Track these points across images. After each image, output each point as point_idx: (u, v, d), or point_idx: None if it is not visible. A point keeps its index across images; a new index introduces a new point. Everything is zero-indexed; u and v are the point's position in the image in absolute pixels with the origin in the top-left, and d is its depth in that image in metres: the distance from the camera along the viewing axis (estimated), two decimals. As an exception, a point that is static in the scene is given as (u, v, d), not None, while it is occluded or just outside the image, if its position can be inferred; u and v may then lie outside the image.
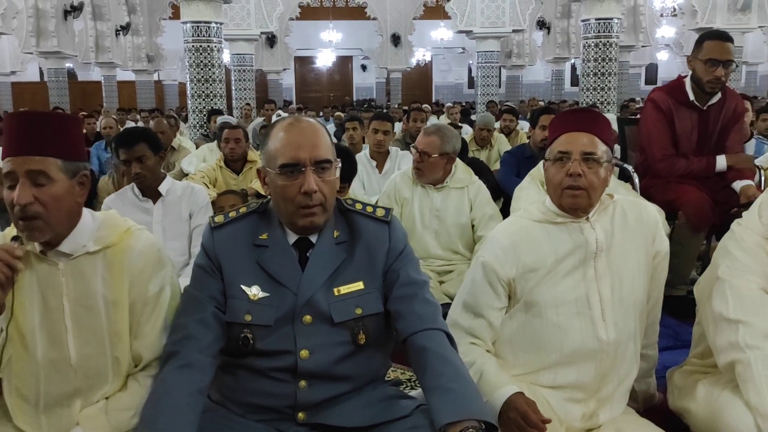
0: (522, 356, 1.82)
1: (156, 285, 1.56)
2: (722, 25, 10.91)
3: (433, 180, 3.11)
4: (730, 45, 3.06)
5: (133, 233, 1.57)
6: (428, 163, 3.04)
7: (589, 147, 1.76)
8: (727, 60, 3.05)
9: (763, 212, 1.77)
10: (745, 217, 1.81)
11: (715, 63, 3.04)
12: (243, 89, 12.16)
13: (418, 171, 3.08)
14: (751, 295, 1.66)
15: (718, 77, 3.06)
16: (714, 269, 1.79)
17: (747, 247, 1.73)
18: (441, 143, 3.04)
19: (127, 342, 1.54)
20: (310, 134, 1.50)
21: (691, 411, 1.79)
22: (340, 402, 1.53)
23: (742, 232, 1.77)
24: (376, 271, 1.56)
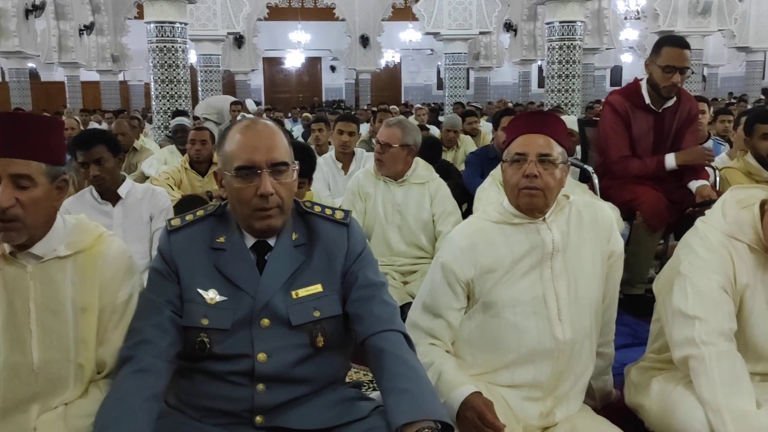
0: (480, 356, 1.84)
1: (125, 292, 1.55)
2: (683, 28, 11.14)
3: (393, 173, 3.13)
4: (687, 52, 3.13)
5: (105, 240, 1.56)
6: (389, 154, 3.07)
7: (545, 149, 1.78)
8: (684, 67, 3.12)
9: (727, 211, 1.81)
10: (709, 215, 1.85)
11: (673, 70, 3.10)
12: (210, 90, 12.03)
13: (379, 163, 3.11)
14: (711, 292, 1.70)
15: (674, 83, 3.13)
16: (676, 264, 1.82)
17: (710, 245, 1.76)
18: (402, 135, 3.08)
19: (93, 349, 1.52)
20: (266, 136, 1.50)
21: (645, 407, 1.83)
22: (298, 405, 1.52)
23: (706, 229, 1.80)
24: (334, 273, 1.56)
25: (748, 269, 1.73)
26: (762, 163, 3.17)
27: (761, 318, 1.72)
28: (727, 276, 1.72)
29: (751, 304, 1.73)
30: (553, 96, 8.97)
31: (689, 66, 3.16)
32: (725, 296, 1.70)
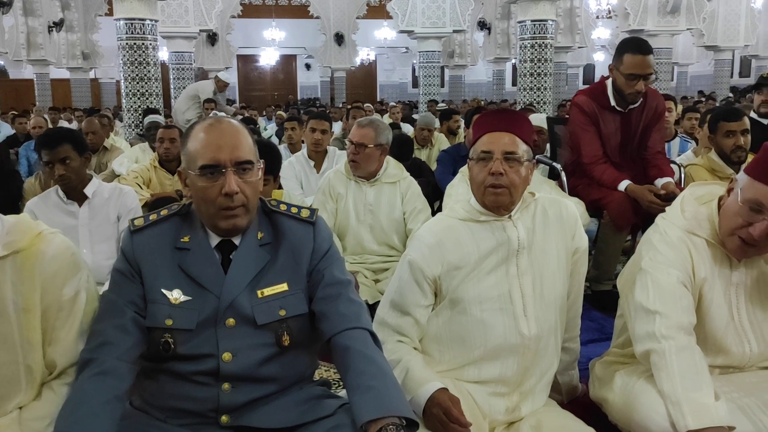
0: (448, 352, 1.85)
1: (71, 289, 1.52)
2: (653, 27, 11.30)
3: (367, 173, 3.13)
4: (650, 57, 3.13)
5: (45, 237, 1.52)
6: (364, 154, 3.08)
7: (510, 146, 1.80)
8: (647, 74, 3.13)
9: (686, 207, 1.85)
10: (669, 212, 1.88)
11: (636, 77, 3.12)
12: (182, 88, 11.85)
13: (354, 164, 3.11)
14: (671, 287, 1.73)
15: (638, 91, 3.16)
16: (638, 260, 1.85)
17: (670, 240, 1.80)
18: (375, 135, 3.09)
19: (40, 350, 1.49)
20: (230, 135, 1.49)
21: (609, 400, 1.86)
22: (265, 404, 1.52)
23: (666, 226, 1.84)
24: (300, 272, 1.56)
25: (706, 264, 1.77)
26: (725, 160, 3.22)
27: (719, 311, 1.76)
28: (686, 271, 1.75)
29: (710, 297, 1.76)
30: (526, 94, 9.04)
31: (653, 71, 3.16)
32: (685, 291, 1.74)
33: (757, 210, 1.66)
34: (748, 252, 1.73)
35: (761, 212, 1.65)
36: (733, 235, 1.72)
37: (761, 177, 1.66)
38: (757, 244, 1.68)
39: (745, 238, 1.69)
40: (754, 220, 1.66)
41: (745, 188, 1.69)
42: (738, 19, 14.86)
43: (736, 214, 1.71)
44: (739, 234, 1.70)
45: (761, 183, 1.66)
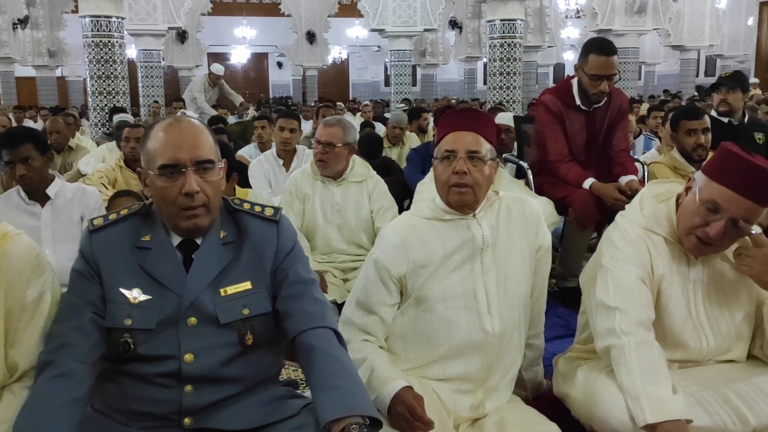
0: (413, 350, 1.86)
1: (35, 291, 1.50)
2: (620, 27, 11.45)
3: (335, 172, 3.13)
4: (614, 58, 3.17)
5: (11, 238, 1.50)
6: (333, 153, 3.07)
7: (474, 146, 1.82)
8: (611, 74, 3.18)
9: (644, 205, 1.88)
10: (628, 210, 1.91)
11: (600, 78, 3.16)
12: (151, 86, 11.74)
13: (322, 163, 3.09)
14: (630, 284, 1.76)
15: (602, 91, 3.20)
16: (599, 258, 1.88)
17: (629, 238, 1.82)
18: (343, 134, 3.09)
19: (2, 352, 1.46)
20: (190, 134, 1.48)
21: (572, 395, 1.88)
22: (228, 405, 1.51)
23: (625, 223, 1.87)
24: (264, 270, 1.55)
25: (664, 261, 1.81)
26: (687, 158, 3.28)
27: (677, 307, 1.80)
28: (645, 267, 1.78)
29: (668, 293, 1.80)
30: (495, 93, 9.10)
31: (616, 72, 3.21)
32: (644, 287, 1.77)
33: (714, 210, 1.69)
34: (704, 250, 1.77)
35: (717, 212, 1.68)
36: (690, 234, 1.75)
37: (717, 177, 1.70)
38: (713, 243, 1.71)
39: (702, 237, 1.72)
40: (710, 220, 1.69)
41: (702, 188, 1.72)
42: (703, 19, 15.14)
43: (693, 213, 1.73)
44: (696, 233, 1.73)
45: (717, 183, 1.69)
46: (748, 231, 1.71)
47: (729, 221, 1.67)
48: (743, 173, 1.66)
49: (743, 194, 1.65)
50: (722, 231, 1.68)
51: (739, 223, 1.68)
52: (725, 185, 1.67)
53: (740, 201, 1.65)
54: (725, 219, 1.67)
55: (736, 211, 1.66)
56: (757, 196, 1.66)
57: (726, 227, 1.68)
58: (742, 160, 1.66)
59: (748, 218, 1.68)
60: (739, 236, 1.73)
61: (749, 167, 1.65)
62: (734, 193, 1.66)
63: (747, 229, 1.70)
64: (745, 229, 1.69)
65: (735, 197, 1.66)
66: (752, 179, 1.65)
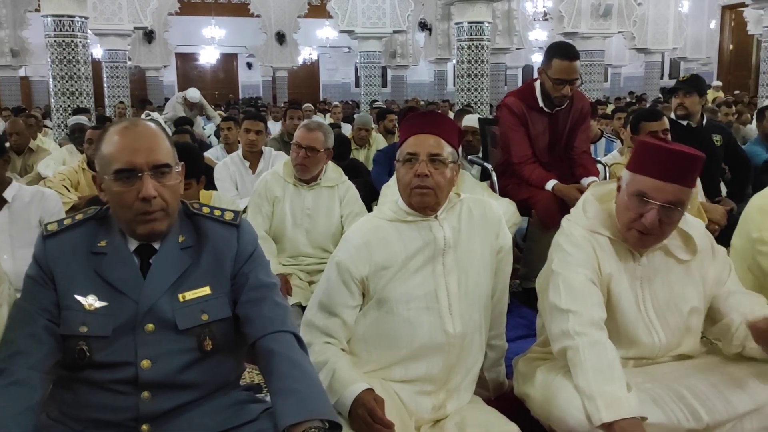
0: (375, 352, 1.87)
1: None
2: (586, 30, 11.64)
3: (312, 176, 3.12)
4: (576, 63, 3.22)
5: None
6: (315, 158, 3.06)
7: (435, 149, 1.83)
8: (573, 79, 3.23)
9: (587, 207, 1.92)
10: (573, 213, 1.95)
11: (563, 82, 3.21)
12: (116, 87, 11.56)
13: (303, 167, 3.06)
14: (580, 286, 1.79)
15: (564, 95, 3.25)
16: (550, 263, 1.92)
17: (575, 241, 1.86)
18: (325, 138, 3.09)
19: None
20: (146, 138, 1.46)
21: (531, 396, 1.91)
22: (187, 411, 1.50)
23: (570, 227, 1.91)
24: (223, 275, 1.54)
25: (610, 260, 1.84)
26: (647, 159, 3.33)
27: (627, 304, 1.84)
28: (593, 268, 1.82)
29: (617, 292, 1.84)
30: (463, 95, 9.16)
31: (578, 76, 3.26)
32: (593, 288, 1.80)
33: (644, 201, 1.75)
34: (647, 241, 1.81)
35: (648, 202, 1.74)
36: (631, 229, 1.80)
37: (639, 169, 1.77)
38: (653, 231, 1.77)
39: (641, 228, 1.77)
40: (643, 211, 1.75)
41: (629, 183, 1.79)
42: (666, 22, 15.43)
43: (627, 208, 1.79)
44: (635, 226, 1.78)
45: (641, 175, 1.76)
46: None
47: (661, 208, 1.73)
48: (661, 160, 1.74)
49: (665, 179, 1.73)
50: (657, 218, 1.73)
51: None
52: (648, 175, 1.75)
53: (665, 186, 1.73)
54: (657, 207, 1.73)
55: (664, 197, 1.73)
56: (678, 179, 1.73)
57: (660, 214, 1.74)
58: (657, 148, 1.76)
59: (677, 201, 1.74)
60: (677, 220, 1.78)
61: (665, 153, 1.74)
62: (657, 181, 1.73)
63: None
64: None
65: (659, 184, 1.73)
66: (669, 164, 1.73)
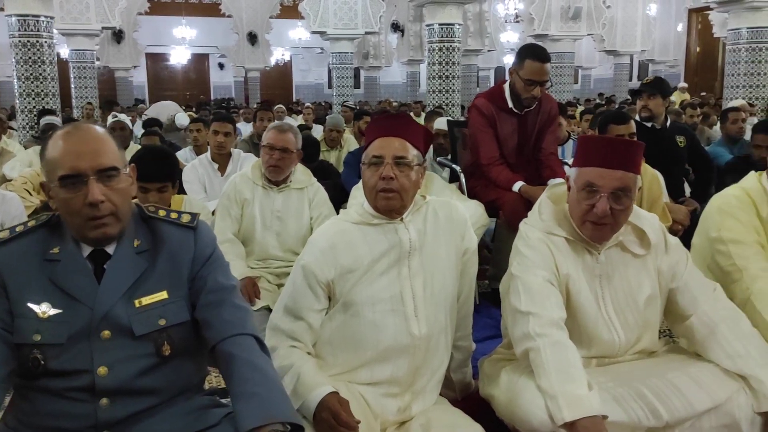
0: (341, 355, 1.87)
1: None
2: (556, 32, 11.80)
3: (283, 177, 3.10)
4: (548, 65, 3.27)
5: None
6: (289, 159, 3.05)
7: (401, 151, 1.84)
8: (544, 80, 3.27)
9: (543, 209, 1.95)
10: (530, 216, 1.98)
11: (534, 83, 3.24)
12: (84, 87, 11.40)
13: (276, 169, 3.04)
14: (539, 287, 1.81)
15: (534, 96, 3.28)
16: (510, 267, 1.94)
17: (531, 243, 1.88)
18: (296, 139, 3.09)
19: None
20: (91, 141, 1.43)
21: (496, 396, 1.92)
22: (147, 417, 1.48)
23: (527, 230, 1.93)
24: (181, 279, 1.52)
25: (567, 260, 1.87)
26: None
27: (587, 303, 1.86)
28: (551, 269, 1.84)
29: (577, 291, 1.86)
30: (435, 96, 9.21)
31: (549, 78, 3.31)
32: (552, 288, 1.82)
33: (592, 190, 1.80)
34: (603, 231, 1.84)
35: (596, 191, 1.79)
36: (585, 222, 1.84)
37: (584, 163, 1.84)
38: (606, 220, 1.80)
39: (594, 219, 1.81)
40: (594, 201, 1.79)
41: (577, 178, 1.85)
42: (635, 25, 15.72)
43: (578, 202, 1.84)
44: (588, 218, 1.82)
45: (586, 167, 1.82)
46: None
47: (610, 195, 1.78)
48: (600, 148, 1.82)
49: (609, 166, 1.79)
50: (607, 206, 1.78)
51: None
52: (592, 165, 1.81)
53: (610, 173, 1.78)
54: (606, 194, 1.78)
55: (611, 184, 1.78)
56: (620, 164, 1.79)
57: (610, 202, 1.78)
58: (597, 139, 1.87)
59: (624, 187, 1.78)
60: (628, 206, 1.82)
61: (604, 142, 1.85)
62: (602, 169, 1.79)
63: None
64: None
65: (604, 172, 1.79)
66: (610, 151, 1.79)
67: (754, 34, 8.29)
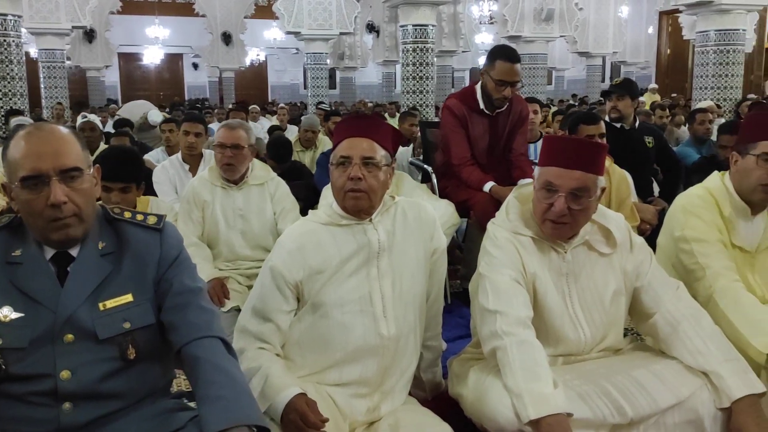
0: (309, 357, 1.86)
1: None
2: (529, 34, 11.90)
3: (239, 175, 3.08)
4: (518, 66, 3.31)
5: None
6: (241, 156, 3.02)
7: (369, 152, 1.84)
8: (515, 81, 3.30)
9: (510, 210, 1.97)
10: (497, 216, 1.99)
11: (504, 84, 3.28)
12: (54, 87, 11.21)
13: (230, 167, 3.02)
14: (506, 287, 1.83)
15: (505, 97, 3.31)
16: (478, 267, 1.95)
17: (499, 243, 1.90)
18: (248, 135, 3.06)
19: None
20: (53, 142, 1.41)
21: (464, 396, 1.92)
22: (111, 421, 1.46)
23: (495, 230, 1.95)
24: (146, 281, 1.51)
25: (534, 259, 1.89)
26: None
27: (554, 302, 1.88)
28: (518, 268, 1.86)
29: (543, 290, 1.88)
30: (409, 97, 9.23)
31: (519, 79, 3.35)
32: (519, 287, 1.84)
33: (551, 190, 1.83)
34: (562, 231, 1.87)
35: (555, 191, 1.82)
36: (545, 221, 1.86)
37: (545, 162, 1.87)
38: (564, 219, 1.83)
39: (552, 218, 1.83)
40: (552, 200, 1.82)
41: (538, 177, 1.88)
42: (606, 27, 15.93)
43: (539, 201, 1.87)
44: (547, 217, 1.85)
45: (546, 166, 1.85)
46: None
47: (568, 195, 1.81)
48: (560, 149, 1.85)
49: (568, 166, 1.81)
50: (565, 206, 1.80)
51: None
52: (552, 165, 1.84)
53: (569, 173, 1.81)
54: (564, 194, 1.80)
55: (568, 184, 1.81)
56: (580, 165, 1.81)
57: (567, 201, 1.81)
58: (559, 139, 1.90)
59: (582, 187, 1.81)
60: (587, 206, 1.84)
61: (565, 142, 1.89)
62: (561, 168, 1.82)
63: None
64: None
65: (563, 172, 1.81)
66: (570, 151, 1.82)
67: (722, 36, 8.43)
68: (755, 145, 2.09)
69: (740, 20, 8.44)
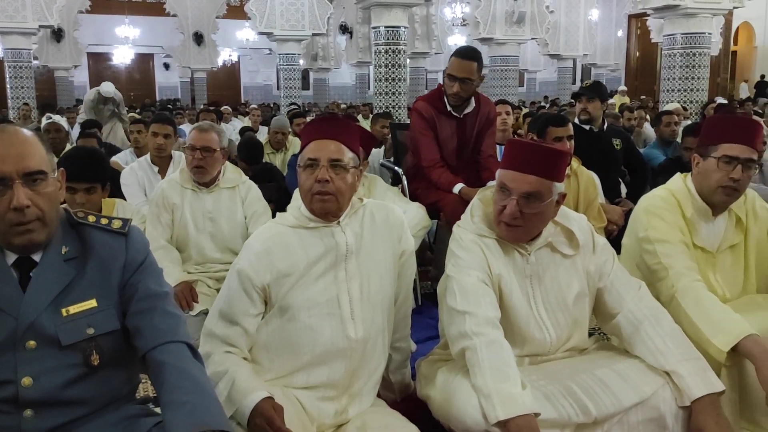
0: (277, 360, 1.86)
1: None
2: (501, 36, 12.00)
3: (211, 178, 3.06)
4: (469, 63, 3.29)
5: None
6: (212, 159, 3.00)
7: (336, 154, 1.84)
8: (464, 78, 3.29)
9: (474, 212, 1.99)
10: (462, 219, 2.01)
11: (453, 79, 3.30)
12: (20, 87, 10.98)
13: (200, 170, 2.99)
14: (473, 287, 1.85)
15: (455, 93, 3.32)
16: (446, 269, 1.96)
17: (464, 245, 1.92)
18: (219, 138, 3.03)
19: None
20: (15, 144, 1.39)
21: (432, 397, 1.93)
22: (75, 427, 1.44)
23: (460, 232, 1.96)
24: (111, 286, 1.49)
25: (499, 261, 1.91)
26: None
27: (519, 303, 1.91)
28: (484, 269, 1.88)
29: (509, 291, 1.90)
30: (381, 98, 9.23)
31: (471, 78, 3.31)
32: (486, 288, 1.86)
33: (505, 192, 1.86)
34: (516, 233, 1.89)
35: (508, 193, 1.85)
36: (500, 223, 1.89)
37: (504, 165, 1.89)
38: (516, 222, 1.85)
39: (505, 220, 1.86)
40: (505, 203, 1.85)
41: (497, 179, 1.91)
42: (577, 30, 16.13)
43: (495, 202, 1.90)
44: (501, 219, 1.87)
45: (504, 169, 1.88)
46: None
47: (520, 198, 1.83)
48: (518, 153, 1.87)
49: (522, 170, 1.84)
50: (517, 209, 1.83)
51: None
52: (509, 168, 1.87)
53: (522, 177, 1.84)
54: (516, 196, 1.83)
55: (521, 188, 1.83)
56: (534, 170, 1.83)
57: (520, 205, 1.83)
58: (519, 143, 1.91)
59: (535, 192, 1.83)
60: (541, 211, 1.86)
61: (524, 146, 1.89)
62: (516, 172, 1.85)
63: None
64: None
65: (517, 175, 1.84)
66: (527, 156, 1.85)
67: (689, 39, 8.58)
68: (716, 147, 2.13)
69: (706, 24, 8.60)
